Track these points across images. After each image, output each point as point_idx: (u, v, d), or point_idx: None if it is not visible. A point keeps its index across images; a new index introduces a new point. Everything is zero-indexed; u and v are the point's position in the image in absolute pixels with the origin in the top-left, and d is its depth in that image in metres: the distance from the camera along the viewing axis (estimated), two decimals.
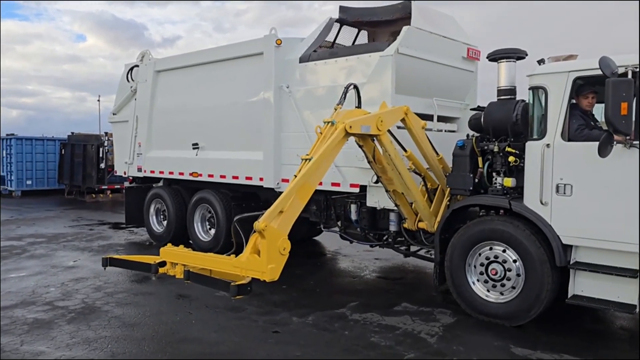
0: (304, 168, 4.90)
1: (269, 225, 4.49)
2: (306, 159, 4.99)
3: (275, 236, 4.55)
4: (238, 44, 8.43)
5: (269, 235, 4.49)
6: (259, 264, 4.57)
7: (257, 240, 4.63)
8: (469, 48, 7.45)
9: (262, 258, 4.55)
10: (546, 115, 5.19)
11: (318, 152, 4.95)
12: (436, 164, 6.27)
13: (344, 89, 5.76)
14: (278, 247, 4.57)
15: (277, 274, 4.62)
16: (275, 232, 4.56)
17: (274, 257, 4.56)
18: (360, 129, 5.25)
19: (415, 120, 6.08)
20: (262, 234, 4.46)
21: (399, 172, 5.77)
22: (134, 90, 10.35)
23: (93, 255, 9.00)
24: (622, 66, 4.62)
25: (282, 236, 4.60)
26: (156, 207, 10.12)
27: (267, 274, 4.52)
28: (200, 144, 8.95)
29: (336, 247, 9.57)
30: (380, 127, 5.46)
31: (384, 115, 5.56)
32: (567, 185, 5.03)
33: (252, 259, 4.59)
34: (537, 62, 5.51)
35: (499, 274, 5.41)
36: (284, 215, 4.67)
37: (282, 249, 4.60)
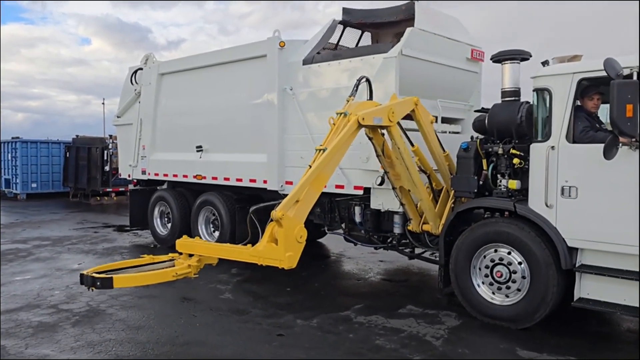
0: (318, 159, 4.99)
1: (286, 214, 4.61)
2: (320, 149, 5.06)
3: (292, 224, 4.67)
4: (241, 46, 8.44)
5: (286, 223, 4.61)
6: (276, 252, 4.69)
7: (273, 229, 4.74)
8: (473, 49, 7.42)
9: (279, 246, 4.68)
10: (551, 117, 5.16)
11: (332, 143, 5.03)
12: (442, 161, 6.27)
13: (356, 81, 5.81)
14: (295, 235, 4.70)
15: (294, 261, 4.73)
16: (292, 221, 4.68)
17: (291, 245, 4.68)
18: (372, 120, 5.32)
19: (424, 113, 6.12)
20: (279, 222, 4.59)
21: (406, 166, 5.77)
22: (138, 93, 10.37)
23: (98, 258, 9.02)
24: (627, 67, 4.60)
25: (298, 224, 4.73)
26: (160, 209, 10.14)
27: (285, 262, 4.65)
28: (204, 147, 8.97)
29: (340, 249, 9.56)
30: (392, 118, 5.53)
31: (395, 107, 5.62)
32: (572, 188, 5.00)
33: (269, 248, 4.71)
34: (542, 64, 5.48)
35: (504, 276, 5.38)
36: (299, 205, 4.79)
37: (299, 237, 4.73)
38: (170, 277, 5.61)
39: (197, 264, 5.70)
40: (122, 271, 5.93)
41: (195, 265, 5.68)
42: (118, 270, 5.89)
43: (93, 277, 5.44)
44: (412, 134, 6.16)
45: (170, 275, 5.61)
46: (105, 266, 5.89)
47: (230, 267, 8.11)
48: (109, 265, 5.97)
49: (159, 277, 5.66)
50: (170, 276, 5.60)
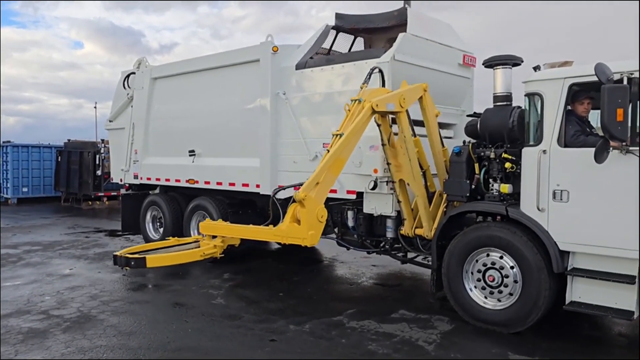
0: (335, 143, 5.24)
1: (308, 195, 4.95)
2: (337, 134, 5.31)
3: (314, 205, 5.01)
4: (234, 51, 8.44)
5: (308, 204, 4.95)
6: (299, 231, 5.05)
7: (296, 210, 5.09)
8: (465, 55, 7.46)
9: (302, 225, 5.02)
10: (542, 121, 5.19)
11: (348, 129, 5.28)
12: (440, 157, 6.33)
13: (369, 70, 6.00)
14: (317, 214, 5.04)
15: (317, 239, 5.11)
16: (314, 201, 5.01)
17: (313, 224, 5.03)
18: (385, 106, 5.56)
19: (431, 102, 6.29)
20: (302, 203, 4.92)
21: (409, 157, 5.91)
22: (130, 97, 10.34)
23: (89, 263, 8.95)
24: (617, 72, 4.63)
25: (319, 205, 5.07)
26: (152, 214, 10.09)
27: (308, 240, 5.01)
28: (196, 151, 8.95)
29: (333, 253, 9.55)
30: (403, 104, 5.75)
31: (405, 93, 5.84)
32: (563, 192, 5.03)
33: (292, 227, 5.09)
34: (533, 69, 5.52)
35: (497, 280, 5.39)
36: (319, 187, 5.11)
37: (320, 217, 5.08)
38: (199, 257, 6.08)
39: (222, 244, 6.09)
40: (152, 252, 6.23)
41: (220, 246, 6.09)
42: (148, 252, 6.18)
43: (127, 257, 6.00)
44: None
45: (198, 254, 6.06)
46: (134, 248, 6.25)
47: (222, 272, 8.08)
48: (138, 247, 6.31)
49: (188, 256, 6.11)
50: (199, 255, 6.06)
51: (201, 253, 6.11)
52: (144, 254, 6.16)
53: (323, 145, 7.05)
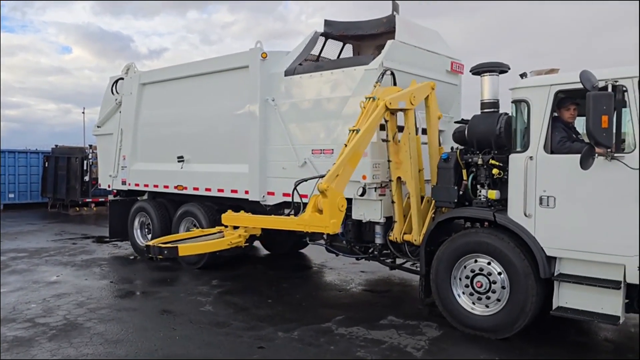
0: (353, 139, 5.57)
1: (330, 186, 5.28)
2: (354, 130, 5.64)
3: (335, 195, 5.36)
4: (223, 57, 8.43)
5: (330, 194, 5.29)
6: (322, 219, 5.41)
7: (317, 200, 5.48)
8: (453, 62, 7.52)
9: (324, 214, 5.38)
10: (529, 128, 5.24)
11: (364, 125, 5.62)
12: (436, 155, 6.42)
13: (382, 70, 6.29)
14: (337, 204, 5.40)
15: (338, 227, 5.50)
16: (335, 192, 5.35)
17: (335, 213, 5.38)
18: (398, 104, 5.93)
19: (435, 101, 6.56)
20: (324, 193, 5.27)
21: (411, 154, 6.08)
22: (118, 103, 10.29)
23: (76, 270, 8.86)
24: (602, 80, 4.69)
25: (340, 195, 5.43)
26: (140, 220, 10.02)
27: (330, 227, 5.36)
28: (185, 157, 8.92)
29: (322, 259, 9.54)
30: (413, 101, 6.12)
31: (415, 91, 6.22)
32: (550, 197, 5.07)
33: (315, 216, 5.47)
34: (520, 76, 5.57)
35: (484, 286, 5.42)
36: (339, 179, 5.44)
37: (341, 206, 5.44)
38: (226, 245, 6.53)
39: (245, 234, 6.54)
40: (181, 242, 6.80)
41: (243, 235, 6.54)
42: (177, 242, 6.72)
43: (160, 246, 6.45)
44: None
45: (225, 243, 6.51)
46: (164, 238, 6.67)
47: (211, 279, 8.04)
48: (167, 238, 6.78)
49: (217, 245, 6.55)
50: (226, 244, 6.51)
51: (228, 242, 6.51)
52: (174, 243, 6.50)
53: (312, 151, 7.07)
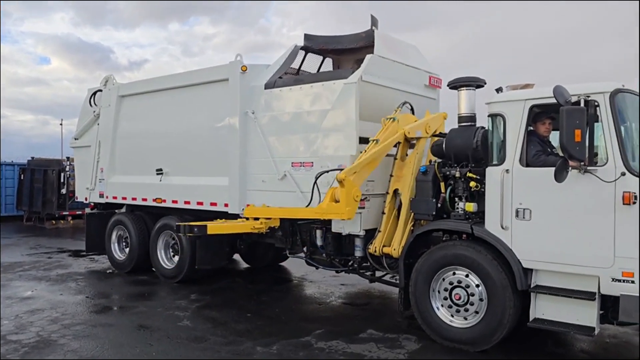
0: (372, 148, 6.06)
1: (347, 177, 5.75)
2: (375, 140, 6.14)
3: (351, 186, 5.82)
4: (203, 70, 8.42)
5: (347, 184, 5.77)
6: (338, 207, 5.93)
7: (334, 192, 6.02)
8: (431, 76, 7.62)
9: (341, 202, 5.90)
10: (505, 141, 5.32)
11: (383, 141, 6.11)
12: None
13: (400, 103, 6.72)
14: (353, 194, 5.84)
15: (352, 214, 5.95)
16: (352, 183, 5.83)
17: (350, 202, 5.84)
18: (415, 134, 6.40)
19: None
20: (342, 183, 5.76)
21: (413, 170, 6.35)
22: (96, 115, 10.18)
23: (51, 285, 8.67)
24: (575, 95, 4.79)
25: (355, 187, 5.87)
26: (118, 233, 9.88)
27: (346, 214, 5.85)
28: (164, 170, 8.83)
29: (302, 272, 9.50)
30: (428, 130, 6.53)
31: (430, 121, 6.64)
32: (526, 210, 5.14)
33: (332, 205, 6.01)
34: (495, 91, 5.67)
35: (463, 299, 5.45)
36: (356, 175, 5.92)
37: (356, 197, 5.89)
38: (250, 229, 7.07)
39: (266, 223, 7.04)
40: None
41: (265, 222, 7.05)
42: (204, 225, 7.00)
43: (190, 225, 6.93)
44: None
45: (249, 227, 7.05)
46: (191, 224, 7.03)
47: (189, 293, 7.94)
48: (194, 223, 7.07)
49: (242, 227, 7.12)
50: (250, 228, 7.06)
51: (252, 226, 7.00)
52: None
53: (292, 164, 7.07)
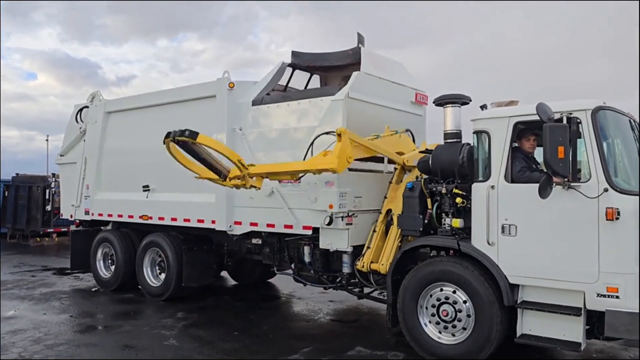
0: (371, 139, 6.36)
1: (347, 134, 5.86)
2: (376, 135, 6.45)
3: (348, 145, 5.87)
4: (191, 86, 8.44)
5: (344, 139, 5.82)
6: (328, 159, 5.88)
7: (327, 151, 6.04)
8: (417, 93, 7.70)
9: (332, 154, 5.86)
10: (490, 157, 5.38)
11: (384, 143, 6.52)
12: None
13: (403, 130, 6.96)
14: (347, 153, 5.86)
15: (342, 168, 5.92)
16: (348, 143, 5.87)
17: (342, 157, 5.80)
18: (413, 162, 6.57)
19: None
20: (340, 136, 5.80)
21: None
22: (83, 131, 10.12)
23: (34, 304, 8.52)
24: (557, 112, 4.86)
25: (350, 149, 5.92)
26: (104, 251, 9.76)
27: (335, 164, 5.77)
28: (151, 186, 8.77)
29: (290, 289, 9.44)
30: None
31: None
32: (511, 226, 5.18)
33: (321, 158, 6.02)
34: (480, 108, 5.74)
35: (450, 315, 5.44)
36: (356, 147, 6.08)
37: (349, 157, 5.92)
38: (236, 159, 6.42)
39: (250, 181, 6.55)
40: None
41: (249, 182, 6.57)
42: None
43: (181, 130, 6.48)
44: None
45: (236, 157, 6.45)
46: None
47: (176, 311, 7.85)
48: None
49: (231, 154, 6.47)
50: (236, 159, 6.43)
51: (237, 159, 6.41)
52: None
53: (279, 180, 7.06)
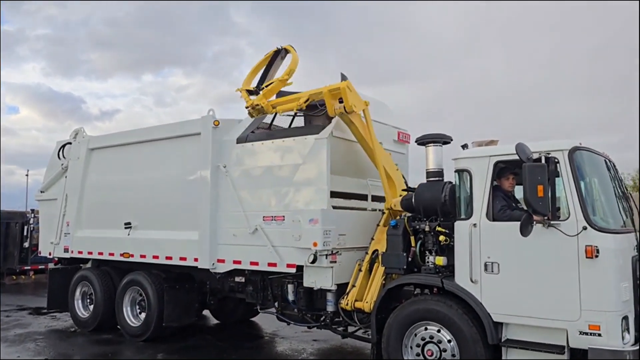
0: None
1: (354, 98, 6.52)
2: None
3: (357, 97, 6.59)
4: (175, 123, 8.49)
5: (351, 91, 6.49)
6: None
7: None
8: (400, 132, 7.85)
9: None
10: (472, 196, 5.46)
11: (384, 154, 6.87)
12: None
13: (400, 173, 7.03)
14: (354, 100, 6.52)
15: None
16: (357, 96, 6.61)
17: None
18: (400, 207, 6.44)
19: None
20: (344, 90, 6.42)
21: None
22: (64, 167, 10.04)
23: (8, 346, 8.24)
24: (536, 152, 4.99)
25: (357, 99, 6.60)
26: (82, 290, 9.54)
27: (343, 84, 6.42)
28: (133, 223, 8.68)
29: (274, 328, 9.30)
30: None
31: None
32: (494, 264, 5.22)
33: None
34: (461, 147, 5.86)
35: (435, 354, 5.40)
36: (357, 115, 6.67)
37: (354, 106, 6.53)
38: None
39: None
40: None
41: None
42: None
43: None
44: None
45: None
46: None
47: (156, 352, 7.67)
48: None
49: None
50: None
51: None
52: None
53: (263, 218, 7.06)
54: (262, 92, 7.12)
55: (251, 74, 7.56)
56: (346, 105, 6.44)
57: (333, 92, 6.59)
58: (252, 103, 7.02)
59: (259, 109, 7.03)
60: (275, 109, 7.12)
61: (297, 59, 7.28)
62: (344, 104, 6.45)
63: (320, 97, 6.72)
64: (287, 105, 7.03)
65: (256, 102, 7.01)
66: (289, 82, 7.24)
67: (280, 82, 7.17)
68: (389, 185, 6.73)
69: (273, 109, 7.10)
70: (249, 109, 7.09)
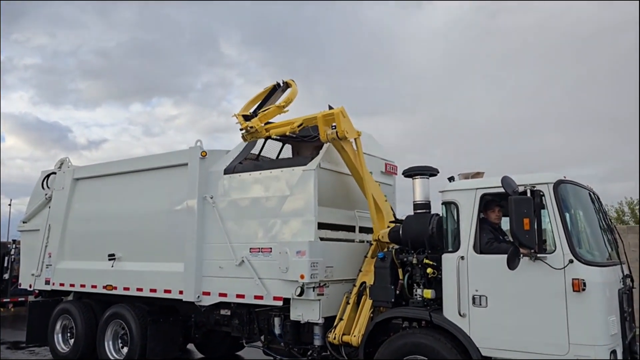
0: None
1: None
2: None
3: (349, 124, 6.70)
4: (162, 154, 8.46)
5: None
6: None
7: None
8: (387, 163, 7.90)
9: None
10: (459, 228, 5.47)
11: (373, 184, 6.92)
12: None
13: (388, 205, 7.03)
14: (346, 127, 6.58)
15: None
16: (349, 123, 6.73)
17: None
18: (387, 238, 6.42)
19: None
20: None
21: None
22: (48, 197, 9.91)
23: None
24: (521, 185, 5.04)
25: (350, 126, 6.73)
26: (63, 323, 9.29)
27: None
28: (117, 255, 8.54)
29: None
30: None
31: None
32: (482, 297, 5.20)
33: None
34: (448, 179, 5.90)
35: None
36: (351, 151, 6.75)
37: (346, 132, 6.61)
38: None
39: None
40: None
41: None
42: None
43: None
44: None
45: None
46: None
47: None
48: None
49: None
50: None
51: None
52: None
53: (250, 249, 6.99)
54: (258, 116, 7.18)
55: (250, 103, 7.66)
56: (339, 130, 6.47)
57: (327, 118, 6.64)
58: (246, 125, 7.05)
59: (253, 131, 7.06)
60: (269, 132, 7.17)
61: (297, 91, 7.43)
62: (337, 130, 6.48)
63: (314, 122, 6.78)
64: (281, 129, 7.08)
65: (251, 124, 7.03)
66: (285, 110, 7.31)
67: (277, 108, 7.27)
68: (377, 216, 6.72)
69: (267, 132, 7.16)
70: (243, 131, 7.11)
